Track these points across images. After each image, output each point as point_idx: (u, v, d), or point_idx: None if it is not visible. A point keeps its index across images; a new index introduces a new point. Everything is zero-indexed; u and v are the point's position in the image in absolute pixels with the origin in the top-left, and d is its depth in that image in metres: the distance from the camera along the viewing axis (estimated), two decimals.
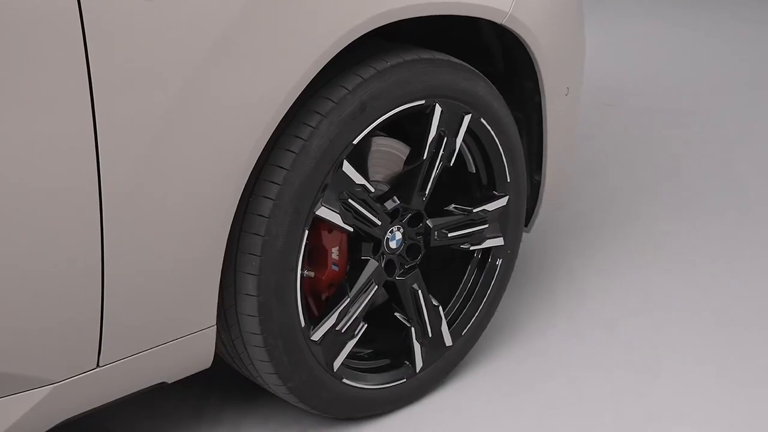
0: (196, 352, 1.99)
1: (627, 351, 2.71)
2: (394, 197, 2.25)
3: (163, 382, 1.99)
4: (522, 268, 3.14)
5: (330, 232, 2.21)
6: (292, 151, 2.00)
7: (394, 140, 2.36)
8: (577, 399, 2.48)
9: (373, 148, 2.34)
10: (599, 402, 2.48)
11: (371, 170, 2.34)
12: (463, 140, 2.35)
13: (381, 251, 2.26)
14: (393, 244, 2.28)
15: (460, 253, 2.47)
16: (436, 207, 2.40)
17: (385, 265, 2.28)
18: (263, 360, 2.11)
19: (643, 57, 5.81)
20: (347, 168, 2.10)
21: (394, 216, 2.26)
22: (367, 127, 2.10)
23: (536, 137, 2.54)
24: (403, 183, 2.28)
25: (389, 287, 2.33)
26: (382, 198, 2.25)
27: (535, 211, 2.62)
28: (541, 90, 2.42)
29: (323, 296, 2.25)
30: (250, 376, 2.21)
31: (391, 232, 2.27)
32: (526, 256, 3.22)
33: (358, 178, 2.13)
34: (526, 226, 2.66)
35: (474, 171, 2.42)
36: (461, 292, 2.49)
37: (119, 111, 1.67)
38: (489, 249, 2.48)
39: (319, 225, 2.17)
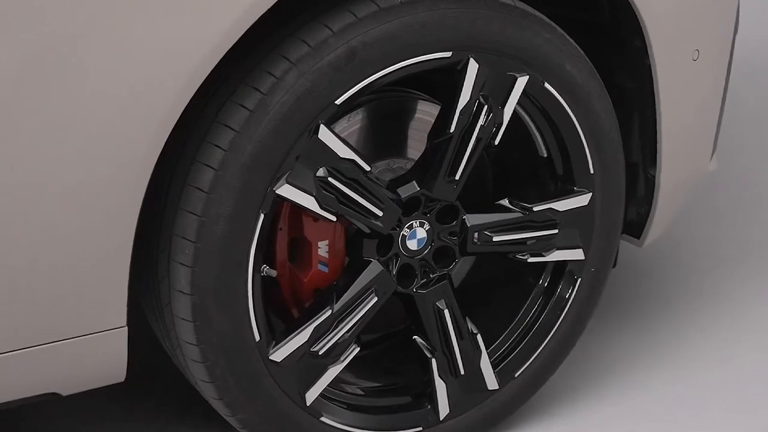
0: (99, 359, 1.60)
1: None
2: (414, 182, 1.69)
3: (54, 394, 1.58)
4: (630, 291, 2.42)
5: (316, 220, 1.69)
6: (246, 108, 1.54)
7: (435, 106, 1.80)
8: None
9: (415, 115, 1.81)
10: None
11: (408, 143, 1.84)
12: (526, 112, 1.75)
13: (393, 252, 1.71)
14: (412, 245, 1.72)
15: (528, 266, 1.84)
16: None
17: (398, 271, 1.71)
18: (204, 380, 1.65)
19: None
20: (325, 135, 1.57)
21: (412, 207, 1.69)
22: (358, 83, 1.60)
23: (651, 117, 1.85)
24: (425, 163, 1.70)
25: (407, 302, 1.76)
26: (399, 181, 1.69)
27: (649, 217, 1.92)
28: (649, 50, 1.75)
29: (306, 304, 1.73)
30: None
31: (410, 227, 1.70)
32: (638, 278, 2.47)
33: (343, 151, 1.59)
34: (638, 237, 1.97)
35: (545, 155, 1.80)
36: (520, 320, 1.87)
37: None
38: (563, 264, 1.83)
39: (301, 211, 1.67)
